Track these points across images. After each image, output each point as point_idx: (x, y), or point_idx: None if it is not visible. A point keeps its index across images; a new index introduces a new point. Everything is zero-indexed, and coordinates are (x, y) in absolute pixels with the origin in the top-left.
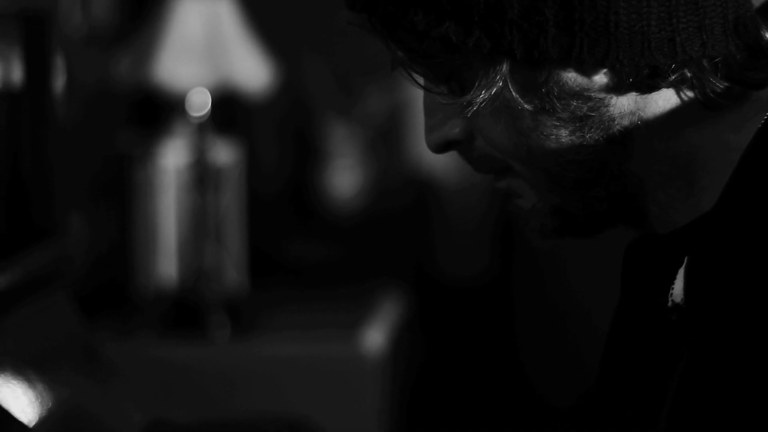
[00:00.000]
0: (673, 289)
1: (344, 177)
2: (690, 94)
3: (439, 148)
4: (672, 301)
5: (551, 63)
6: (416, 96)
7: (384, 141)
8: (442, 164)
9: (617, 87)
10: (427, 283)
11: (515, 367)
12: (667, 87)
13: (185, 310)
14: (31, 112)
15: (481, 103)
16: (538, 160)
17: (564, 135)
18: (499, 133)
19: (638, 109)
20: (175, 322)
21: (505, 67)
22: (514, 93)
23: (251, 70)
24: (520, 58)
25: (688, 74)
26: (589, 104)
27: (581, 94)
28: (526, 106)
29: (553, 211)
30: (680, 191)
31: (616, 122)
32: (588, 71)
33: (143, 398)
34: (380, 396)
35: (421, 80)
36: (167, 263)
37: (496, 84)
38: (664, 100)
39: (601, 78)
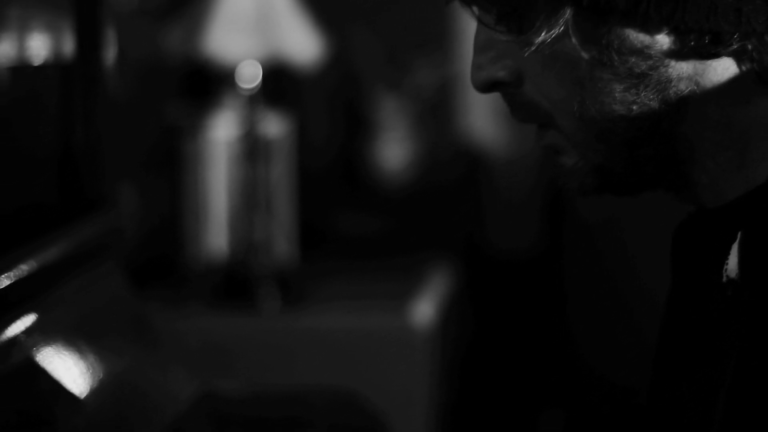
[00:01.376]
0: (727, 264)
1: (394, 149)
2: (748, 66)
3: (485, 87)
4: (727, 276)
5: (616, 15)
6: (466, 69)
7: (434, 113)
8: (493, 137)
9: (678, 49)
10: (477, 255)
11: (565, 340)
12: (727, 56)
13: (235, 282)
14: (82, 84)
15: (539, 45)
16: (587, 113)
17: (618, 90)
18: (551, 81)
19: (696, 75)
20: (225, 293)
21: (568, 12)
22: (573, 40)
23: (301, 42)
24: (585, 4)
25: (749, 46)
26: (648, 63)
27: (641, 52)
28: (583, 55)
29: (594, 169)
30: (731, 162)
31: (672, 84)
32: (651, 29)
33: (193, 369)
34: (429, 369)
35: (480, 16)
36: (218, 235)
37: (558, 27)
38: (723, 68)
39: (663, 38)
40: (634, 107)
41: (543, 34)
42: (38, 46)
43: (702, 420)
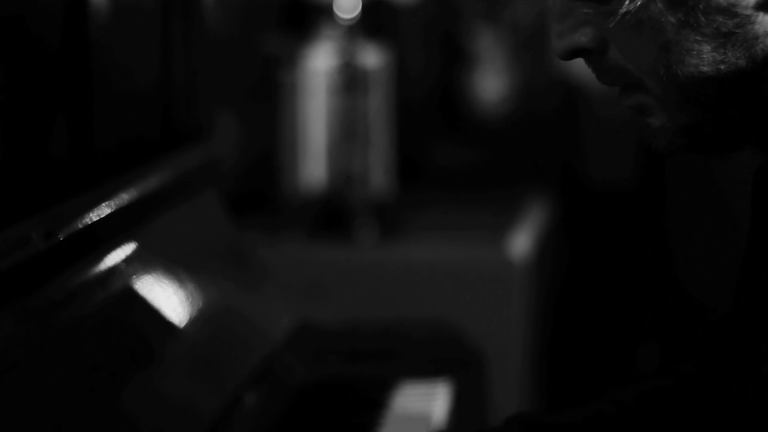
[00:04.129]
0: None
1: (491, 81)
2: None
3: (567, 55)
4: None
5: None
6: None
7: (531, 44)
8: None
9: (764, 5)
10: (574, 187)
11: (665, 273)
12: None
13: (332, 213)
14: (181, 15)
15: (624, 14)
16: (675, 76)
17: (706, 51)
18: (638, 47)
19: None
20: (322, 224)
21: None
22: (659, 4)
23: None
24: None
25: None
26: (735, 21)
27: (728, 10)
28: (670, 19)
29: (683, 129)
30: None
31: (759, 41)
32: None
33: (291, 300)
34: (525, 301)
35: None
36: (315, 166)
37: None
38: None
39: None
40: (722, 67)
41: (627, 3)
42: None
43: None
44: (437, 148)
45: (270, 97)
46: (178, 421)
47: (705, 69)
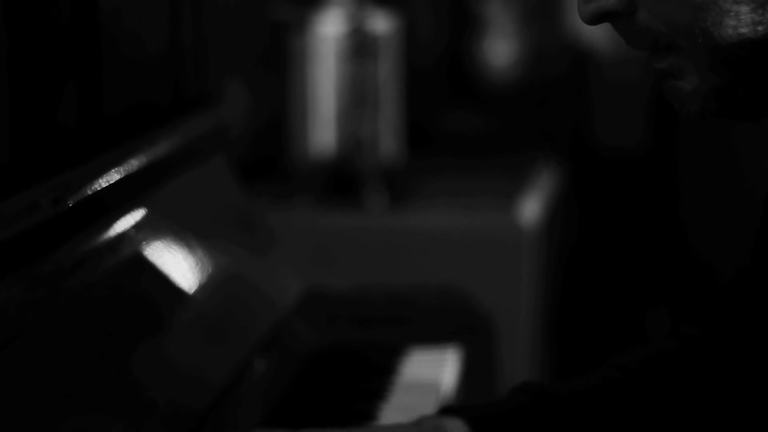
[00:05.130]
0: None
1: (501, 46)
2: None
3: (594, 19)
4: None
5: None
6: None
7: (541, 10)
8: (601, 33)
9: None
10: (584, 152)
11: (675, 238)
12: None
13: (342, 179)
14: None
15: None
16: (711, 38)
17: (744, 12)
18: (672, 8)
19: None
20: (331, 191)
21: None
22: None
23: None
24: None
25: None
26: None
27: None
28: None
29: (716, 92)
30: None
31: None
32: None
33: (300, 266)
34: (535, 267)
35: None
36: (325, 132)
37: None
38: None
39: None
40: (760, 28)
41: None
42: None
43: None
44: (447, 114)
45: (279, 63)
46: (187, 387)
47: (743, 30)
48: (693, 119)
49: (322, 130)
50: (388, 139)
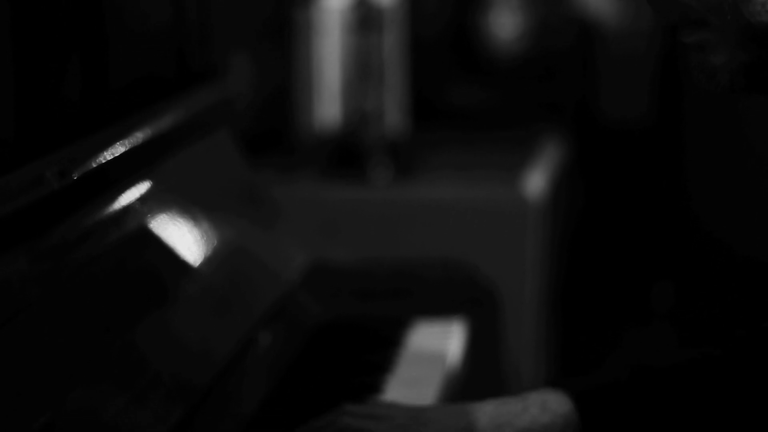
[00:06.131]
0: None
1: (506, 19)
2: None
3: None
4: None
5: None
6: None
7: None
8: (606, 6)
9: None
10: (589, 125)
11: (679, 211)
12: None
13: (347, 152)
14: None
15: None
16: (740, 14)
17: None
18: None
19: None
20: (336, 163)
21: None
22: None
23: None
24: None
25: None
26: None
27: None
28: None
29: (745, 68)
30: None
31: None
32: None
33: (305, 239)
34: (540, 240)
35: None
36: (330, 105)
37: None
38: None
39: None
40: None
41: None
42: None
43: None
44: (452, 86)
45: (284, 36)
46: (192, 360)
47: None
48: (721, 94)
49: (327, 102)
50: (393, 111)
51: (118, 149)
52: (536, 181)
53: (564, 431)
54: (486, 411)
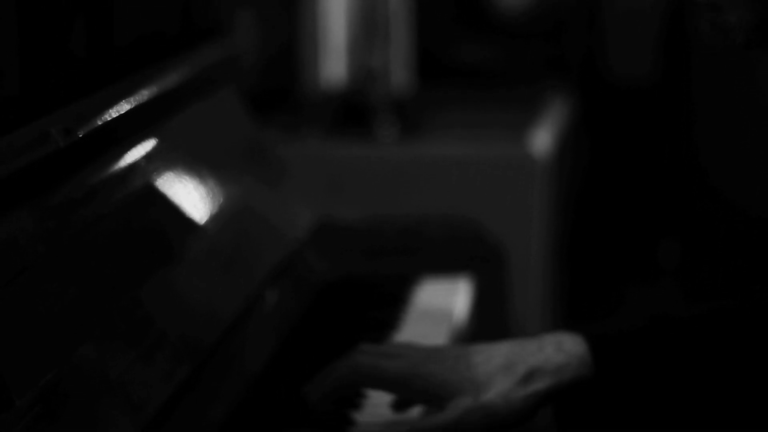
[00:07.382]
0: None
1: None
2: None
3: None
4: None
5: None
6: None
7: None
8: None
9: None
10: (595, 82)
11: (686, 168)
12: None
13: (353, 110)
14: None
15: None
16: None
17: None
18: None
19: None
20: (342, 121)
21: None
22: None
23: None
24: None
25: None
26: None
27: None
28: None
29: (761, 24)
30: None
31: None
32: None
33: (311, 197)
34: (546, 197)
35: None
36: (336, 62)
37: None
38: None
39: None
40: None
41: None
42: None
43: None
44: (458, 43)
45: None
46: (198, 318)
47: None
48: (730, 51)
49: (333, 60)
50: (399, 69)
51: (124, 107)
52: (542, 138)
53: (577, 371)
54: (501, 349)
